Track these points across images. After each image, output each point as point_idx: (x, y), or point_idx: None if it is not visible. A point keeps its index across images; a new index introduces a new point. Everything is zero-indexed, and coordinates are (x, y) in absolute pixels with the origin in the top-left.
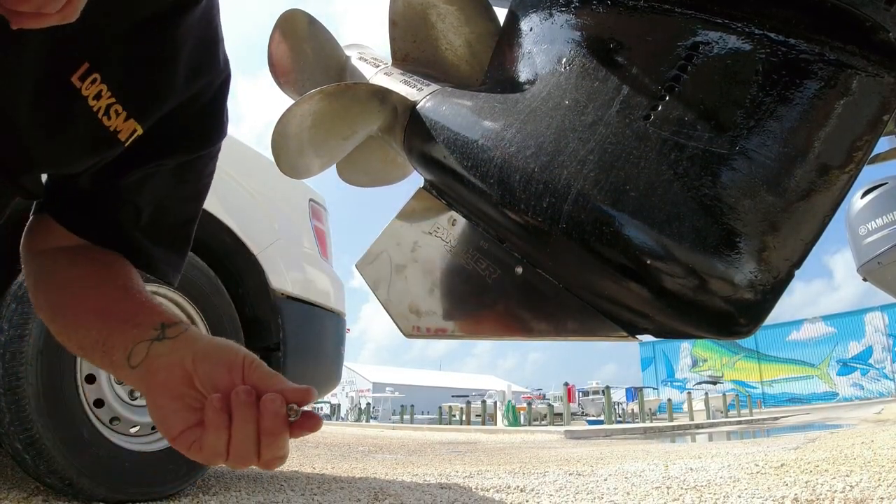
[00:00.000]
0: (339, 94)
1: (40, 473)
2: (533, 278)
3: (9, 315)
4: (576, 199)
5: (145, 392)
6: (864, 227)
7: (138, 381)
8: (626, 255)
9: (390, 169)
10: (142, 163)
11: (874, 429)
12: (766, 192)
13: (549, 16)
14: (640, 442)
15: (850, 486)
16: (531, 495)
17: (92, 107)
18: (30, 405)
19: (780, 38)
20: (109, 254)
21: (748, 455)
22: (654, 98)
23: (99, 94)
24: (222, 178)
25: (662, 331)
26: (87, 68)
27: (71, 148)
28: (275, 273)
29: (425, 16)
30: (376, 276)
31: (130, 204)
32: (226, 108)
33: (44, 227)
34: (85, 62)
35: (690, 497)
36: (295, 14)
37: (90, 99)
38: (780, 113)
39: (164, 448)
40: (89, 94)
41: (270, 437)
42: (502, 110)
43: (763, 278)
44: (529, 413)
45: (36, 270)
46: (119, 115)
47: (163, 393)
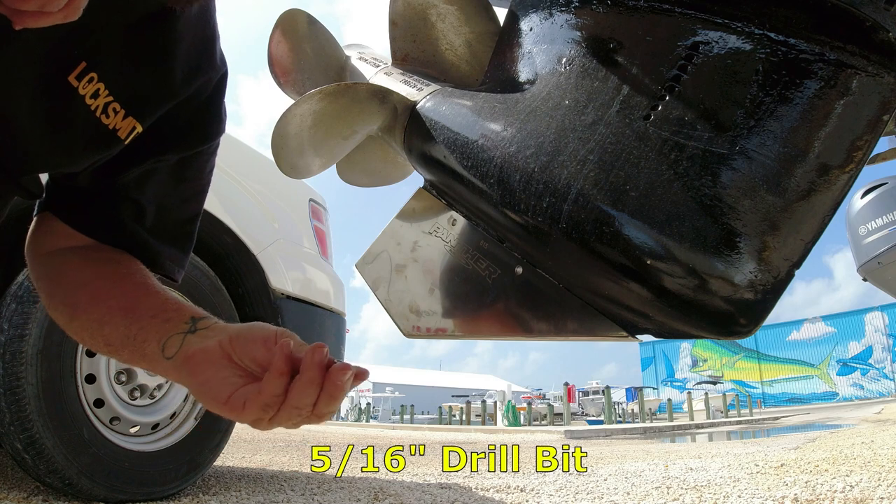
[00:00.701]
0: (339, 94)
1: (40, 473)
2: (533, 278)
3: (9, 315)
4: (576, 198)
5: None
6: (864, 227)
7: (174, 369)
8: (627, 255)
9: (390, 169)
10: (141, 160)
11: (874, 429)
12: (766, 191)
13: (549, 16)
14: (640, 442)
15: (850, 486)
16: (531, 495)
17: (90, 105)
18: (30, 405)
19: (781, 37)
20: (117, 252)
21: (748, 455)
22: (654, 98)
23: (96, 93)
24: (223, 179)
25: (662, 331)
26: (83, 67)
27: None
28: (275, 273)
29: (425, 16)
30: (376, 276)
31: (133, 202)
32: (223, 105)
33: (48, 227)
34: (82, 61)
35: (690, 497)
36: (295, 14)
37: (87, 98)
38: (780, 113)
39: (164, 448)
40: (86, 92)
41: (331, 397)
42: (502, 110)
43: (763, 278)
44: (529, 413)
45: (46, 272)
46: (118, 113)
47: (204, 370)
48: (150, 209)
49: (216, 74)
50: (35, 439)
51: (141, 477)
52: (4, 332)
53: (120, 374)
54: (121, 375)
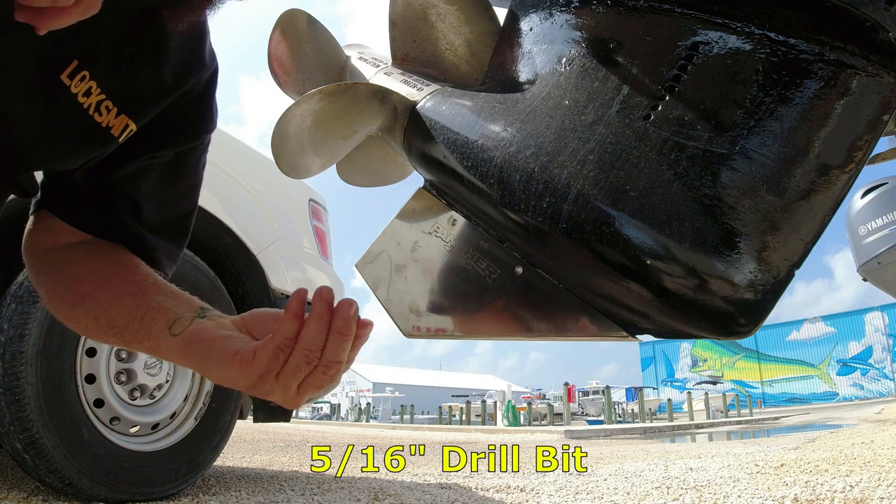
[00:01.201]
0: (338, 93)
1: (40, 473)
2: (533, 278)
3: (9, 315)
4: (576, 198)
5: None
6: (864, 227)
7: (179, 346)
8: (627, 255)
9: (390, 169)
10: (136, 156)
11: (874, 429)
12: (766, 191)
13: (549, 16)
14: (640, 442)
15: (850, 486)
16: (531, 495)
17: (82, 103)
18: (30, 405)
19: (781, 37)
20: (116, 247)
21: (748, 455)
22: (654, 98)
23: (88, 91)
24: (223, 179)
25: (662, 331)
26: (75, 66)
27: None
28: (275, 273)
29: (425, 16)
30: (376, 276)
31: (129, 198)
32: (215, 101)
33: (46, 225)
34: (74, 60)
35: (690, 497)
36: (295, 14)
37: (79, 96)
38: (780, 113)
39: (164, 448)
40: (78, 91)
41: (339, 335)
42: (502, 110)
43: (763, 278)
44: (529, 413)
45: (46, 268)
46: (110, 111)
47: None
48: (146, 205)
49: (207, 71)
50: (35, 439)
51: (141, 477)
52: (4, 332)
53: (120, 374)
54: (121, 375)
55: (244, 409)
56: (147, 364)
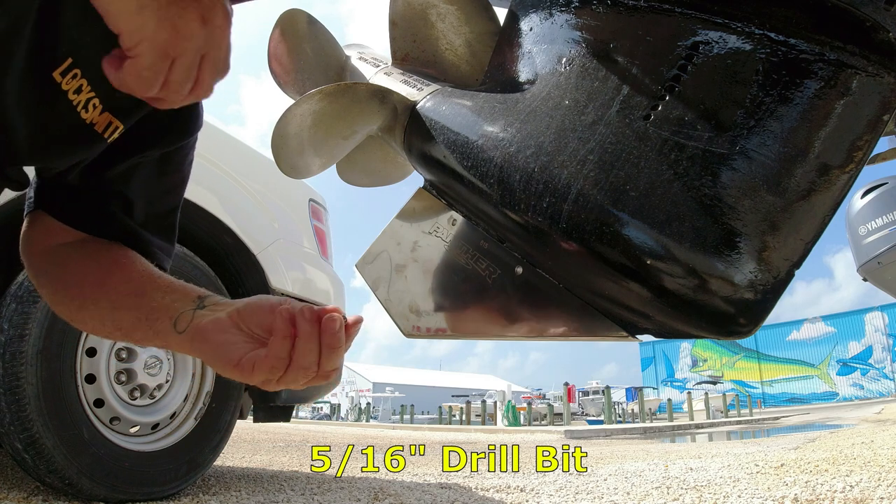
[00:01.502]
0: (338, 93)
1: (40, 473)
2: (533, 278)
3: (9, 315)
4: (576, 198)
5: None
6: (864, 227)
7: (187, 342)
8: (627, 255)
9: (390, 169)
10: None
11: (874, 429)
12: (766, 191)
13: (549, 16)
14: (639, 442)
15: (850, 486)
16: (531, 495)
17: (72, 101)
18: (30, 405)
19: (781, 37)
20: (112, 244)
21: (748, 455)
22: (654, 98)
23: (79, 89)
24: (223, 179)
25: (662, 331)
26: (69, 64)
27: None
28: (275, 273)
29: (425, 16)
30: (376, 276)
31: (121, 196)
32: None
33: (42, 225)
34: (67, 58)
35: (690, 497)
36: (295, 13)
37: (70, 93)
38: (780, 113)
39: (164, 448)
40: (70, 88)
41: (330, 349)
42: (502, 110)
43: (763, 278)
44: (529, 413)
45: (46, 269)
46: (96, 108)
47: (215, 338)
48: (137, 202)
49: None
50: (35, 439)
51: (141, 477)
52: (4, 332)
53: (120, 374)
54: (121, 375)
55: (244, 409)
56: (147, 364)
